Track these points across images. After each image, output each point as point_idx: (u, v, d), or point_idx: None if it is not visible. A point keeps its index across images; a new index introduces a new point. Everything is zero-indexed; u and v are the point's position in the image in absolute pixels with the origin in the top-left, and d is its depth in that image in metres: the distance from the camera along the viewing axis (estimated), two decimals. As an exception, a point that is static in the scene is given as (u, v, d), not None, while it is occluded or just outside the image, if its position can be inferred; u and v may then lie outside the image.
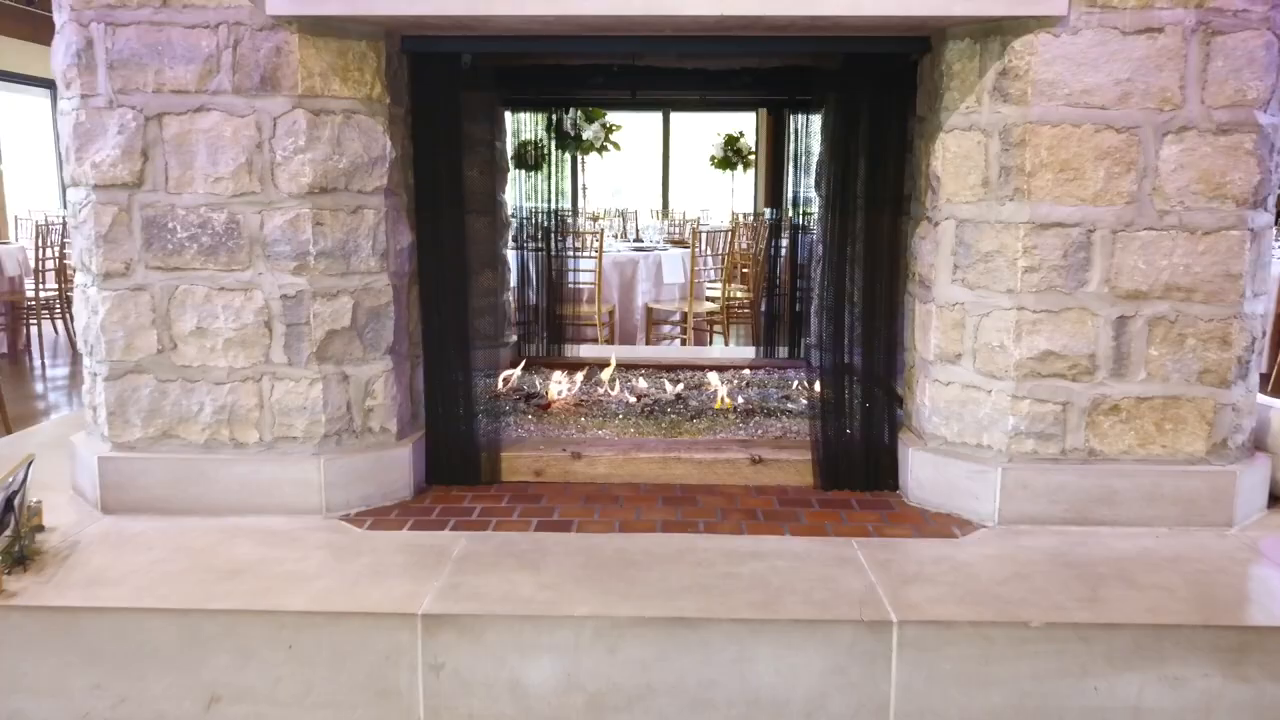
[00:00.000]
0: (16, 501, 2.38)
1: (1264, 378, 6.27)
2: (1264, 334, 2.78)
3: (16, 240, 10.06)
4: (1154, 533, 2.58)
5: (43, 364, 7.14)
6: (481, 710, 2.10)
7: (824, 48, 2.86)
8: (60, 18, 2.64)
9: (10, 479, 2.38)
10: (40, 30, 12.69)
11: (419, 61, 2.83)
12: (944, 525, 2.65)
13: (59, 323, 7.96)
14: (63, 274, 7.93)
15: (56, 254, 7.89)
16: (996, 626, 2.08)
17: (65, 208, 12.21)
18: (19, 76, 12.48)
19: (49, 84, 13.18)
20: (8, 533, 2.33)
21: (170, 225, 2.62)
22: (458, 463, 2.94)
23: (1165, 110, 2.49)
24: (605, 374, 3.87)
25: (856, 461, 2.92)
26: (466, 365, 3.00)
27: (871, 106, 2.88)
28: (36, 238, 7.61)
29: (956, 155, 2.67)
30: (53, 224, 8.25)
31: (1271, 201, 2.64)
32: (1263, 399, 2.86)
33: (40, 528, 2.49)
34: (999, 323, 2.62)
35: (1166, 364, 2.60)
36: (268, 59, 2.53)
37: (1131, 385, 2.61)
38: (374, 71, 2.66)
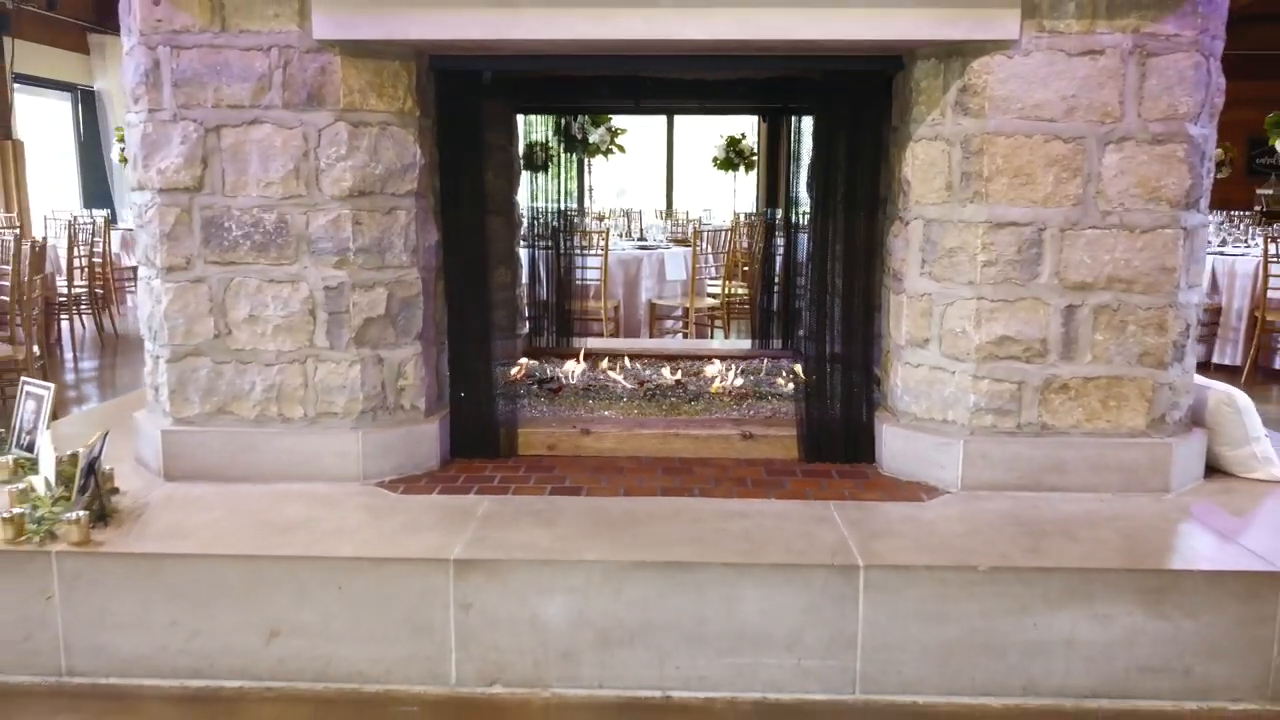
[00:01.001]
0: (96, 468, 2.72)
1: (1237, 369, 6.61)
2: (1200, 322, 3.09)
3: (46, 238, 10.39)
4: (1099, 498, 2.91)
5: (74, 357, 7.48)
6: (505, 643, 2.44)
7: (809, 65, 3.19)
8: (129, 41, 2.98)
9: (91, 449, 2.72)
10: (60, 35, 13.06)
11: (444, 78, 3.17)
12: (913, 491, 2.98)
13: (86, 318, 8.32)
14: (92, 271, 8.29)
15: (86, 252, 8.25)
16: (949, 570, 2.41)
17: (85, 207, 12.52)
18: (41, 80, 12.84)
19: (69, 87, 13.56)
20: (90, 494, 2.67)
21: (226, 224, 2.96)
22: (479, 438, 3.28)
23: (1107, 123, 2.82)
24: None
25: (837, 437, 3.25)
26: (486, 351, 3.34)
27: (852, 117, 3.20)
28: (68, 236, 7.95)
29: (924, 162, 3.00)
30: (83, 224, 8.60)
31: (1204, 203, 2.97)
32: (1200, 380, 3.19)
33: (115, 490, 2.83)
34: (961, 311, 2.95)
35: (1110, 348, 2.92)
36: (314, 77, 2.87)
37: (1079, 367, 2.94)
38: (406, 88, 3.00)
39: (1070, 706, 2.42)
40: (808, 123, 3.89)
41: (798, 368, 3.66)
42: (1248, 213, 13.20)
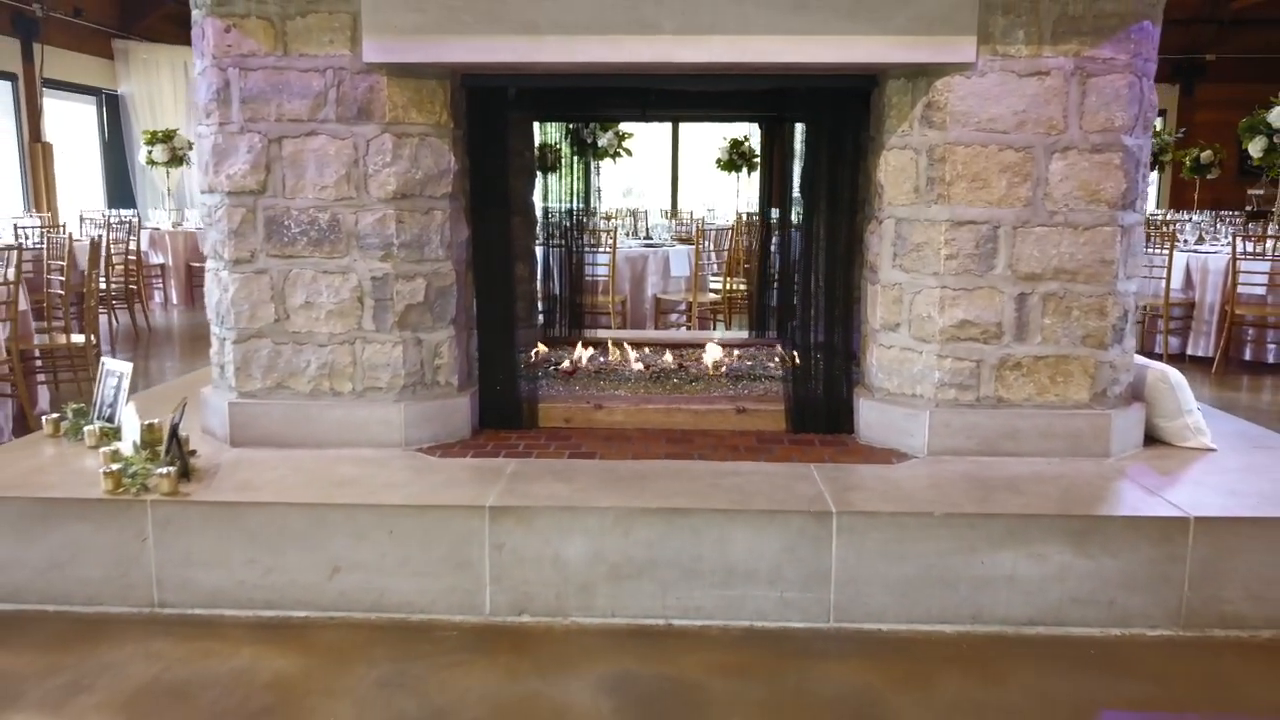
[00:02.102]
0: (178, 433, 3.16)
1: (1209, 360, 7.02)
2: (1137, 309, 3.51)
3: (83, 237, 10.85)
4: (1047, 461, 3.33)
5: (112, 348, 7.93)
6: (532, 577, 2.87)
7: (795, 83, 3.61)
8: (201, 64, 3.42)
9: (174, 416, 3.16)
10: (86, 41, 13.53)
11: (474, 93, 3.59)
12: (884, 456, 3.40)
13: (120, 313, 8.77)
14: (126, 268, 8.75)
15: (121, 250, 8.71)
16: (909, 516, 2.84)
17: (109, 207, 12.93)
18: (68, 85, 13.31)
19: (94, 91, 14.03)
20: (173, 453, 3.11)
21: (286, 223, 3.40)
22: (504, 411, 3.71)
23: (1052, 134, 3.24)
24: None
25: (820, 411, 3.68)
26: (510, 336, 3.78)
27: (835, 128, 3.63)
28: (105, 235, 8.39)
29: (895, 168, 3.42)
30: (118, 223, 9.05)
31: (1140, 204, 3.39)
32: (1141, 359, 3.61)
33: (192, 452, 3.26)
34: (928, 298, 3.38)
35: (1057, 330, 3.35)
36: (363, 95, 3.31)
37: (1030, 347, 3.36)
38: (442, 103, 3.43)
39: (1012, 633, 2.84)
40: (799, 130, 4.32)
41: (788, 353, 4.08)
42: (1238, 213, 13.59)
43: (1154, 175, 12.41)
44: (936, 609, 2.85)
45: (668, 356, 4.55)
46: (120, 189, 14.42)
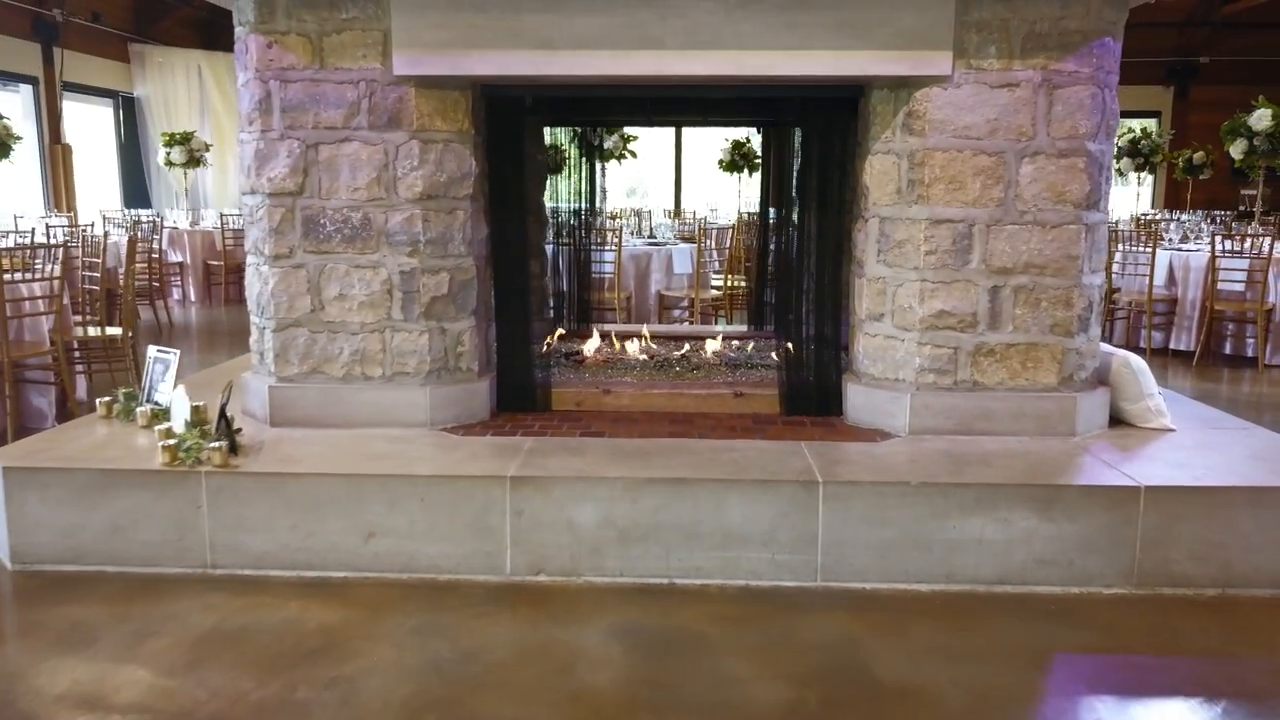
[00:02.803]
0: (225, 412, 3.47)
1: (1191, 354, 7.31)
2: (1101, 300, 3.81)
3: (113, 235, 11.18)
4: (1018, 439, 3.64)
5: (135, 342, 8.25)
6: (549, 540, 3.18)
7: (788, 93, 3.92)
8: (244, 76, 3.74)
9: (223, 397, 3.48)
10: (104, 46, 13.87)
11: (493, 102, 3.90)
12: (870, 435, 3.71)
13: (143, 309, 9.09)
14: (150, 266, 9.08)
15: (144, 249, 9.03)
16: (888, 485, 3.15)
17: (125, 207, 13.25)
18: (86, 88, 13.64)
19: (111, 94, 14.37)
20: (222, 430, 3.42)
21: (321, 221, 3.71)
22: (520, 395, 4.03)
23: (1022, 140, 3.55)
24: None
25: (811, 395, 3.99)
26: (526, 326, 4.09)
27: (826, 134, 3.93)
28: (133, 232, 8.71)
29: (879, 171, 3.73)
30: (143, 222, 9.37)
31: (1103, 204, 3.69)
32: (1107, 347, 3.92)
33: (238, 430, 3.58)
34: (909, 291, 3.69)
35: (1027, 320, 3.66)
36: (393, 105, 3.62)
37: (1003, 335, 3.67)
38: (464, 112, 3.74)
39: (981, 591, 3.15)
40: (793, 135, 4.62)
41: (783, 343, 4.39)
42: (1228, 213, 13.87)
43: (1147, 176, 12.69)
44: (913, 569, 3.16)
45: (671, 347, 4.86)
46: (136, 189, 14.76)
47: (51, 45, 12.61)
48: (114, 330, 5.72)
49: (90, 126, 14.08)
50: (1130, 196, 13.68)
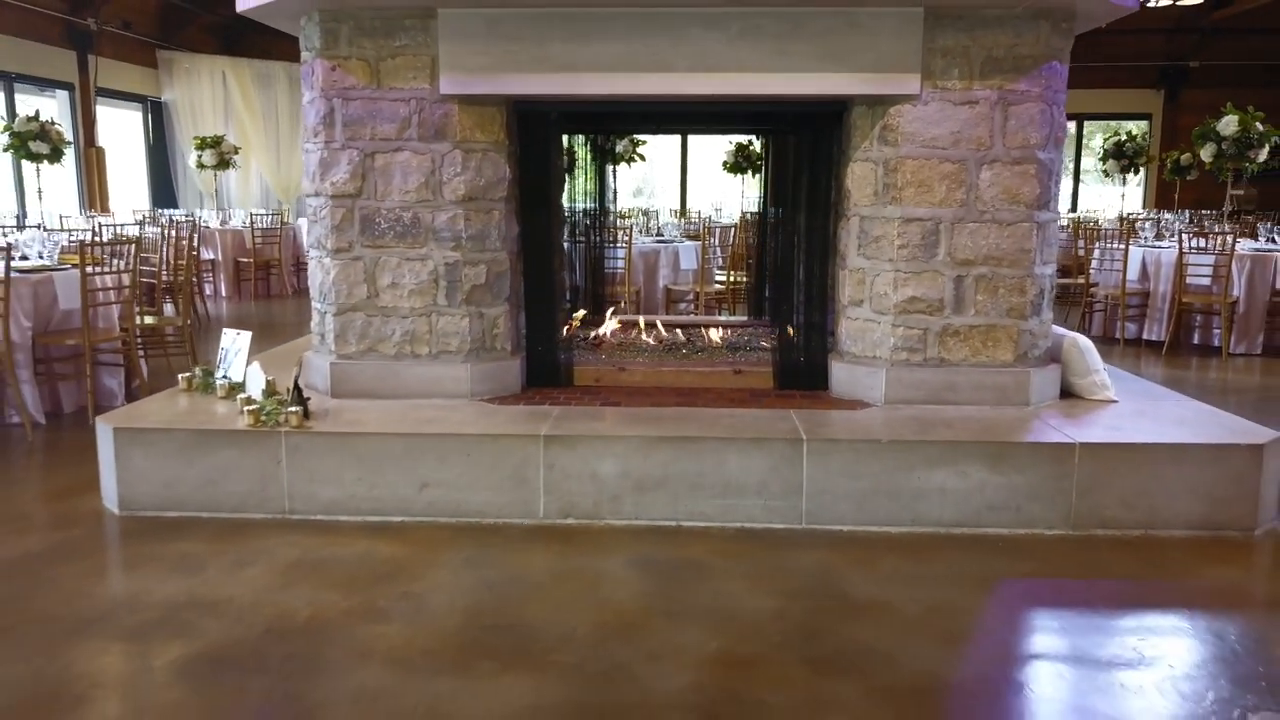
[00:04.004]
0: (299, 383, 4.06)
1: (1161, 344, 7.86)
2: (1053, 288, 4.37)
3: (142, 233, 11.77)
4: (978, 408, 4.21)
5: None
6: (576, 489, 3.76)
7: (782, 109, 4.49)
8: (310, 94, 4.32)
9: (296, 372, 4.07)
10: (133, 52, 14.48)
11: (523, 117, 4.48)
12: (851, 405, 4.29)
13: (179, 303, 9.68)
14: (189, 262, 9.66)
15: (185, 246, 9.62)
16: (862, 442, 3.72)
17: (153, 206, 13.82)
18: (116, 93, 14.26)
19: (140, 99, 14.99)
20: (295, 398, 4.00)
21: (377, 220, 4.29)
22: (547, 372, 4.61)
23: (981, 150, 4.12)
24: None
25: (801, 372, 4.56)
26: (551, 313, 4.67)
27: (815, 142, 4.50)
28: (172, 232, 9.31)
29: (859, 176, 4.30)
30: (183, 221, 9.96)
31: (1053, 205, 4.26)
32: (1058, 329, 4.48)
33: (308, 398, 4.16)
34: (884, 280, 4.26)
35: (987, 305, 4.22)
36: (440, 119, 4.20)
37: (966, 318, 4.24)
38: (499, 125, 4.32)
39: (942, 533, 3.72)
40: (786, 144, 5.19)
41: (777, 327, 4.96)
42: (1213, 212, 14.39)
43: (1132, 177, 13.22)
44: (884, 514, 3.73)
45: (678, 333, 5.43)
46: (163, 190, 15.38)
47: (86, 53, 13.23)
48: (172, 319, 6.31)
49: (120, 130, 14.70)
50: (1115, 197, 14.18)
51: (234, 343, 4.52)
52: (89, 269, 5.39)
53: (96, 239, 8.26)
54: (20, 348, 5.22)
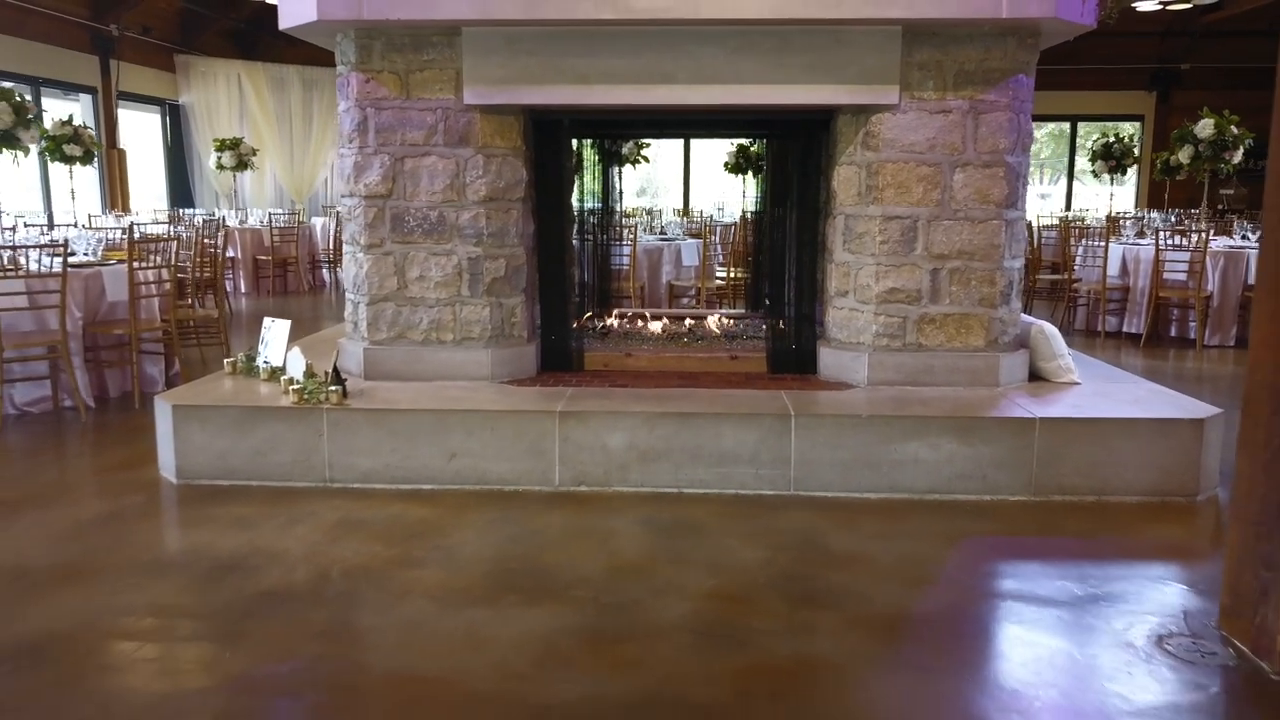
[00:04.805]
0: (337, 367, 4.49)
1: (1139, 336, 8.26)
2: (1021, 280, 4.80)
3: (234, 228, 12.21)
4: (953, 389, 4.63)
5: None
6: (587, 459, 4.19)
7: (776, 116, 4.91)
8: (345, 104, 4.76)
9: (335, 357, 4.50)
10: (152, 56, 14.93)
11: (539, 124, 4.91)
12: (837, 386, 4.72)
13: (208, 300, 10.12)
14: (214, 260, 10.11)
15: (211, 244, 10.07)
16: (845, 417, 4.15)
17: (171, 206, 14.27)
18: (136, 96, 14.71)
19: (159, 102, 15.44)
20: (333, 380, 4.44)
21: (406, 218, 4.73)
22: (560, 358, 5.04)
23: (955, 154, 4.54)
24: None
25: (792, 357, 4.99)
26: (564, 304, 5.10)
27: (805, 148, 4.93)
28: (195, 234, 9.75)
29: (845, 179, 4.73)
30: (210, 221, 10.42)
31: (1021, 204, 4.68)
32: (1026, 318, 4.91)
33: (345, 380, 4.59)
34: (867, 273, 4.68)
35: (960, 295, 4.65)
36: (464, 127, 4.64)
37: (941, 307, 4.66)
38: (517, 132, 4.75)
39: (916, 498, 4.14)
40: (781, 149, 5.61)
41: (771, 317, 5.39)
42: (1195, 211, 14.78)
43: (1121, 177, 13.60)
44: (865, 482, 4.15)
45: (680, 323, 5.86)
46: (180, 190, 15.84)
47: (108, 58, 13.68)
48: (206, 312, 6.75)
49: (139, 132, 15.15)
50: (1105, 196, 14.57)
51: (274, 331, 4.96)
52: (137, 264, 5.82)
53: (138, 236, 8.71)
54: (72, 337, 5.66)
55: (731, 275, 9.04)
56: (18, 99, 7.59)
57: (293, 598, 3.17)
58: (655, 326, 5.75)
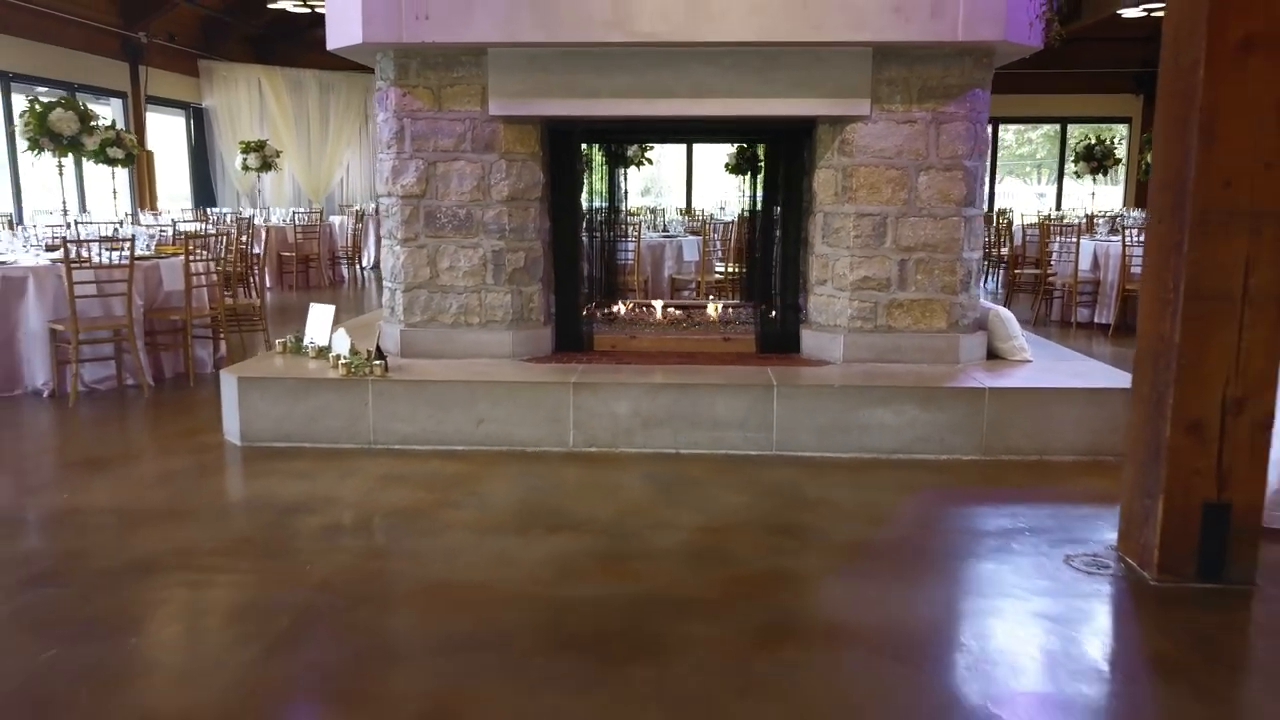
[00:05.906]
0: (380, 345, 5.13)
1: (1107, 326, 8.88)
2: (980, 269, 5.42)
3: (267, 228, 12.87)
4: (918, 366, 5.27)
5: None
6: (598, 425, 4.83)
7: (765, 125, 5.55)
8: (384, 115, 5.41)
9: (377, 338, 5.15)
10: (176, 61, 15.60)
11: (554, 133, 5.55)
12: (816, 363, 5.36)
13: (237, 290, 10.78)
14: (245, 256, 10.78)
15: (251, 239, 10.74)
16: (820, 387, 4.79)
17: (195, 206, 14.93)
18: (162, 100, 15.38)
19: (183, 105, 16.12)
20: (376, 356, 5.08)
21: (438, 216, 5.38)
22: (572, 339, 5.69)
23: (919, 159, 5.18)
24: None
25: (777, 338, 5.63)
26: (576, 292, 5.74)
27: (791, 153, 5.56)
28: (235, 231, 10.42)
29: (824, 180, 5.37)
30: (242, 220, 11.08)
31: (979, 203, 5.32)
32: (985, 303, 5.54)
33: (386, 356, 5.24)
34: (843, 263, 5.32)
35: (925, 283, 5.28)
36: (489, 135, 5.28)
37: (908, 293, 5.30)
38: (535, 139, 5.40)
39: (883, 458, 4.78)
40: (772, 154, 6.24)
41: (760, 305, 6.04)
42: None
43: (1103, 177, 14.22)
44: (838, 443, 4.79)
45: (680, 311, 6.50)
46: (203, 190, 16.52)
47: (138, 64, 14.36)
48: (244, 302, 7.40)
49: (164, 134, 15.83)
50: (1087, 196, 15.18)
51: (318, 315, 5.61)
52: (192, 257, 6.48)
53: (190, 233, 9.37)
54: (136, 322, 6.32)
55: (729, 270, 9.68)
56: (83, 108, 8.24)
57: (351, 530, 3.83)
58: (657, 313, 6.39)
